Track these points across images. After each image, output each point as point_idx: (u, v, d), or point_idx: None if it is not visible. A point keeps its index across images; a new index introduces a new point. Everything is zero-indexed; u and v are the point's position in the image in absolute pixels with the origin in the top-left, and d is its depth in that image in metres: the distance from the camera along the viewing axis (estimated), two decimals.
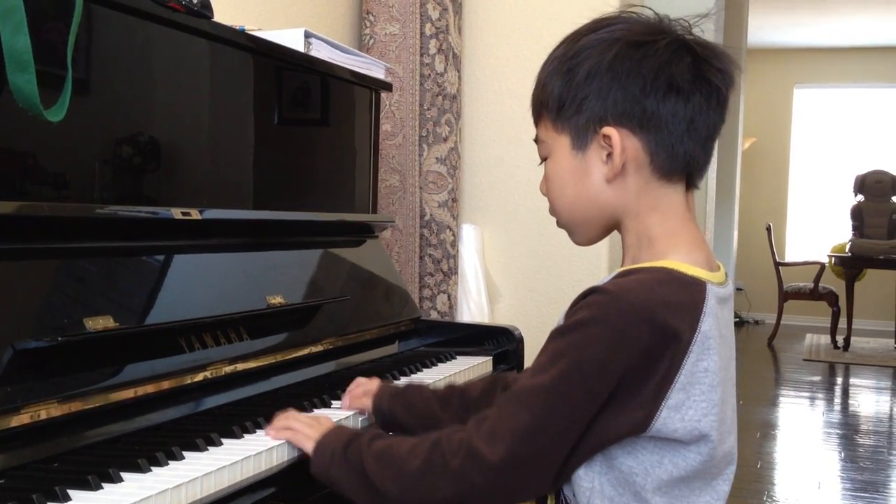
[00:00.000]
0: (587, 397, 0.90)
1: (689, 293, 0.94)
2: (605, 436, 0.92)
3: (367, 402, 1.30)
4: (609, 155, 0.99)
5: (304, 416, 1.18)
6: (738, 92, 4.45)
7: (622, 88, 0.97)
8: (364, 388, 1.32)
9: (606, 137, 0.98)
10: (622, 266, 1.03)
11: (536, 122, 1.07)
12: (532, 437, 0.91)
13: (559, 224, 1.09)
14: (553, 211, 1.08)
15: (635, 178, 0.99)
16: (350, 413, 1.30)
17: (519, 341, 1.90)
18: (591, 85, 0.98)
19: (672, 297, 0.93)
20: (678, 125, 0.97)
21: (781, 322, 7.71)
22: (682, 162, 0.99)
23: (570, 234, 1.08)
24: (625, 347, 0.89)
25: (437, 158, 2.63)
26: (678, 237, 1.00)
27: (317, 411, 1.31)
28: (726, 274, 1.04)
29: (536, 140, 1.07)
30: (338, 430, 1.11)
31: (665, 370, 0.91)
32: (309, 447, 1.10)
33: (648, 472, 0.94)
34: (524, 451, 0.91)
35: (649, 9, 1.02)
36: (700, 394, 0.92)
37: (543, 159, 1.07)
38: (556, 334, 0.95)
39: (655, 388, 0.90)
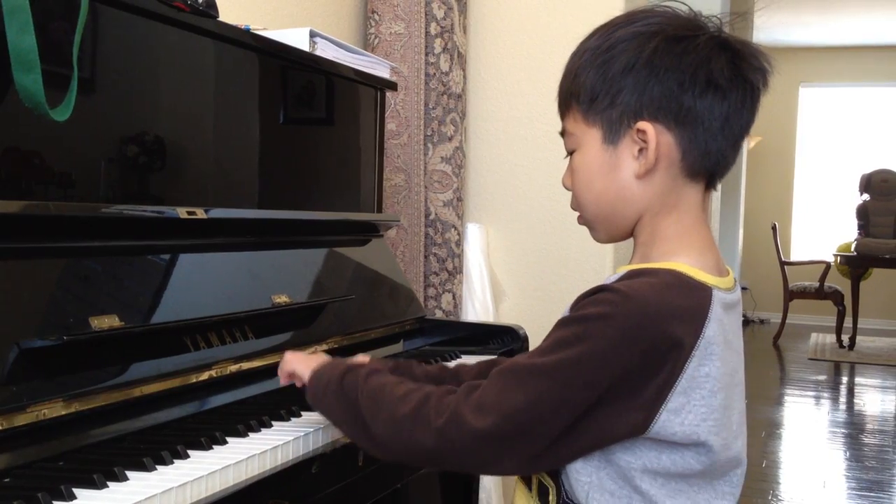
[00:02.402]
0: (581, 389, 0.90)
1: (696, 298, 0.94)
2: (604, 436, 0.92)
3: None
4: (641, 150, 0.97)
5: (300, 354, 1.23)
6: None
7: (660, 83, 0.95)
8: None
9: (641, 132, 0.96)
10: (631, 262, 1.03)
11: (563, 114, 1.04)
12: (519, 415, 0.91)
13: (581, 220, 1.07)
14: (577, 206, 1.06)
15: (664, 175, 0.98)
16: None
17: (524, 340, 1.90)
18: (627, 78, 0.96)
19: (679, 301, 0.92)
20: (714, 122, 0.96)
21: (787, 321, 7.70)
22: (712, 160, 0.98)
23: (593, 230, 1.07)
24: (627, 348, 0.89)
25: (442, 158, 2.63)
26: (690, 239, 0.99)
27: None
28: (735, 279, 1.03)
29: (563, 133, 1.05)
30: (335, 360, 1.15)
31: (667, 374, 0.90)
32: (306, 375, 1.14)
33: (646, 466, 0.94)
34: (508, 428, 0.91)
35: (683, 3, 1.01)
36: (700, 399, 0.92)
37: (570, 152, 1.04)
38: (562, 324, 0.95)
39: (656, 391, 0.90)
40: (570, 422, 0.91)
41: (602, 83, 0.98)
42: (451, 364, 1.32)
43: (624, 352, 0.89)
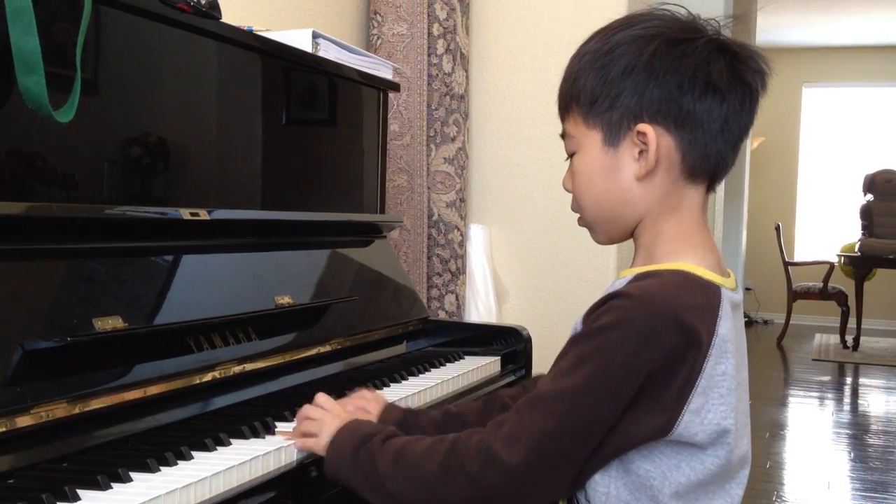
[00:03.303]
0: (611, 401, 0.90)
1: (707, 296, 0.94)
2: (627, 441, 0.92)
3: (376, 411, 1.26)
4: (642, 152, 0.98)
5: (316, 412, 1.15)
6: None
7: (659, 86, 0.96)
8: (361, 405, 1.24)
9: (641, 134, 0.97)
10: (633, 265, 1.03)
11: (564, 117, 1.05)
12: (553, 440, 0.90)
13: (581, 221, 1.07)
14: (577, 207, 1.06)
15: (664, 177, 0.99)
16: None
17: (527, 341, 1.89)
18: (627, 81, 0.97)
19: (692, 299, 0.93)
20: (713, 124, 0.97)
21: (790, 322, 7.68)
22: (712, 162, 0.99)
23: (592, 232, 1.07)
24: (650, 350, 0.89)
25: (444, 158, 2.63)
26: (692, 240, 1.00)
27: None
28: (737, 281, 1.03)
29: (563, 135, 1.06)
30: (350, 430, 1.08)
31: (687, 374, 0.90)
32: (321, 451, 1.09)
33: (666, 476, 0.93)
34: (544, 456, 0.91)
35: (682, 7, 1.02)
36: (718, 397, 0.92)
37: (570, 155, 1.05)
38: (579, 339, 0.94)
39: (678, 393, 0.90)
40: (602, 433, 0.91)
41: (602, 86, 0.99)
42: (454, 408, 1.28)
43: (646, 355, 0.89)
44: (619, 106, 0.98)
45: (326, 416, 1.13)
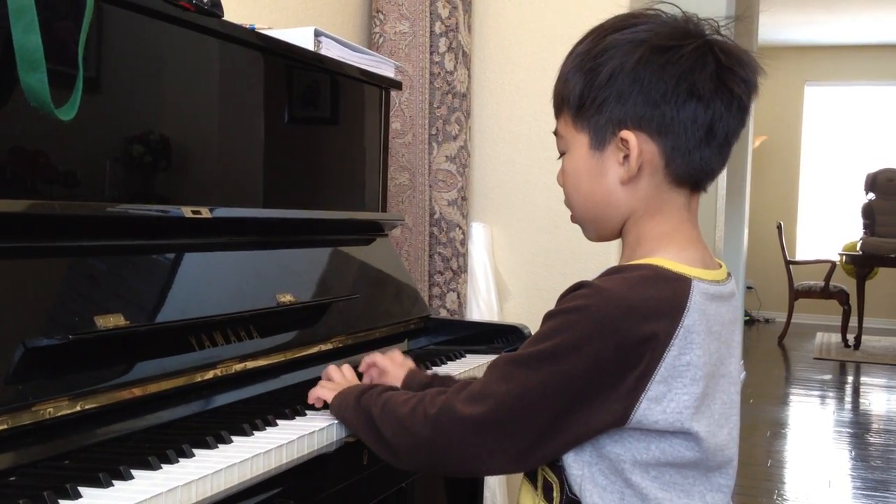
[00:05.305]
0: (559, 378, 0.93)
1: (672, 288, 0.95)
2: (588, 429, 0.94)
3: (400, 376, 1.34)
4: (626, 157, 0.99)
5: (336, 374, 1.32)
6: None
7: (643, 93, 0.97)
8: (397, 360, 1.37)
9: (624, 141, 0.98)
10: (620, 263, 1.04)
11: (557, 116, 1.07)
12: (504, 404, 0.95)
13: (573, 218, 1.10)
14: (567, 205, 1.09)
15: (648, 181, 1.00)
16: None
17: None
18: (613, 87, 0.98)
19: (652, 293, 0.94)
20: (696, 132, 0.97)
21: (792, 320, 7.69)
22: (696, 168, 1.00)
23: (583, 229, 1.10)
24: (600, 340, 0.92)
25: (446, 157, 2.63)
26: (672, 237, 1.01)
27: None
28: (729, 273, 1.04)
29: (556, 133, 1.07)
30: (356, 384, 1.25)
31: (645, 365, 0.92)
32: (330, 397, 1.24)
33: (636, 458, 0.95)
34: (494, 416, 0.95)
35: (676, 7, 1.01)
36: (682, 387, 0.93)
37: (562, 153, 1.07)
38: (545, 318, 0.99)
39: (634, 382, 0.92)
40: (555, 412, 0.93)
41: (589, 90, 1.00)
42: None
43: (597, 343, 0.92)
44: (605, 111, 0.99)
45: (343, 383, 1.28)
